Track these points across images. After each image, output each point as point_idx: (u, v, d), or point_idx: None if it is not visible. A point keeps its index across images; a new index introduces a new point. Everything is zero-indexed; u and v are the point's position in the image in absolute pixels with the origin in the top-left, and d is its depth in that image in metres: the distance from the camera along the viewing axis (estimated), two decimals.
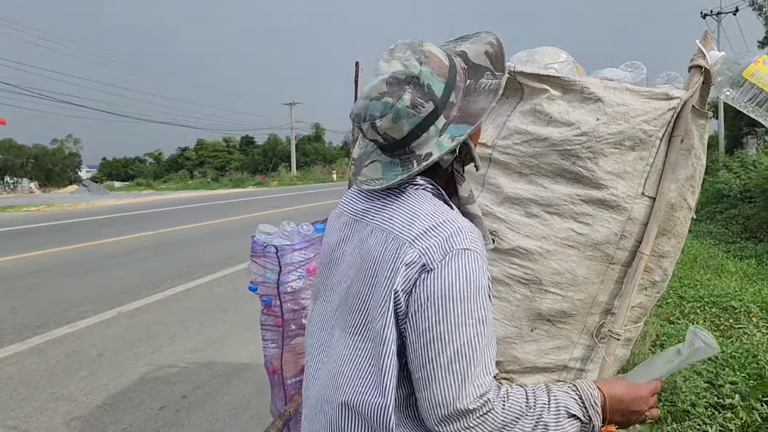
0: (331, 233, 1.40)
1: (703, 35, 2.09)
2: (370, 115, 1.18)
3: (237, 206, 21.57)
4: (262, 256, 2.42)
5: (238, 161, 69.44)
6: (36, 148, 59.08)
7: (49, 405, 4.08)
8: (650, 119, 2.02)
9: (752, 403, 3.73)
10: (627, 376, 1.45)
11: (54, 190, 42.25)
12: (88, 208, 22.93)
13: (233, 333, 5.61)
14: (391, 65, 1.18)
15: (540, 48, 2.33)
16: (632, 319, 2.26)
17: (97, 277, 8.34)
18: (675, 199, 2.12)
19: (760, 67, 1.88)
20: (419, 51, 1.20)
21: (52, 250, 11.02)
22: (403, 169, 1.21)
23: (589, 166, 2.07)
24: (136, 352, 5.12)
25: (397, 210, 1.21)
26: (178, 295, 7.23)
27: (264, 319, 2.55)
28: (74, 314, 6.28)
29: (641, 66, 2.22)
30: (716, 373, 4.24)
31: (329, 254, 1.37)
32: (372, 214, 1.26)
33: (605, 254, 2.11)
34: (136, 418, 3.86)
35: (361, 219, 1.29)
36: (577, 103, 2.08)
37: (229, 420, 3.84)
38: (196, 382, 4.45)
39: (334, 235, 1.37)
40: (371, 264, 1.18)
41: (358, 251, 1.24)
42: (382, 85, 1.17)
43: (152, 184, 47.96)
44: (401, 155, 1.22)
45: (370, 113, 1.18)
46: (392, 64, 1.18)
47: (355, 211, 1.32)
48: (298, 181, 47.93)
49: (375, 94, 1.18)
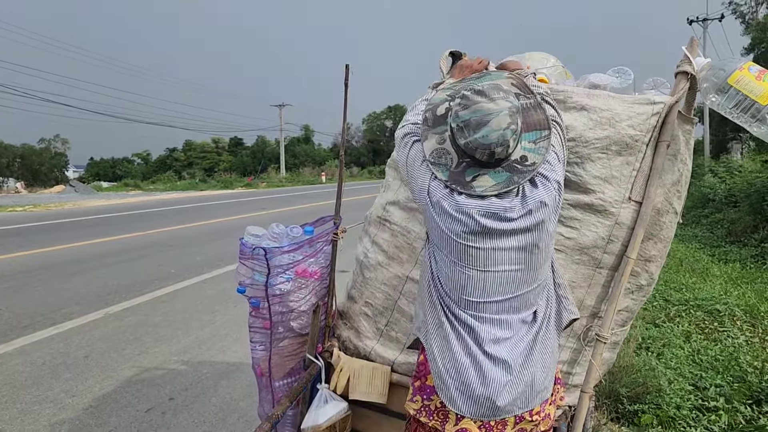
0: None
1: (690, 42, 2.12)
2: (505, 140, 1.59)
3: (225, 208, 21.47)
4: (251, 258, 2.42)
5: (226, 162, 69.10)
6: (23, 148, 58.46)
7: (34, 407, 4.04)
8: (635, 124, 2.05)
9: (736, 405, 3.77)
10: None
11: (41, 190, 41.76)
12: (75, 209, 22.71)
13: (221, 335, 5.59)
14: (498, 104, 1.59)
15: (529, 53, 2.35)
16: (619, 323, 2.28)
17: (83, 278, 8.27)
18: (661, 204, 2.15)
19: (745, 74, 1.91)
20: (508, 90, 1.65)
21: (38, 250, 10.91)
22: (513, 173, 1.65)
23: (577, 171, 2.10)
24: (123, 353, 5.09)
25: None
26: (165, 296, 7.18)
27: (252, 321, 2.55)
28: (60, 315, 6.23)
29: (628, 71, 2.24)
30: (701, 375, 4.29)
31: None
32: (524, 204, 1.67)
33: (592, 258, 2.13)
34: (122, 420, 3.83)
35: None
36: (562, 111, 2.10)
37: (216, 422, 3.82)
38: (183, 384, 4.42)
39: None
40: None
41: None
42: (506, 118, 1.58)
43: (140, 184, 47.53)
44: (503, 163, 1.65)
45: (505, 139, 1.59)
46: (499, 102, 1.59)
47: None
48: (287, 182, 47.74)
49: (504, 125, 1.58)
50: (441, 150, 1.71)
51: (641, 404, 3.80)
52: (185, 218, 17.14)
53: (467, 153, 1.65)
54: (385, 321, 2.44)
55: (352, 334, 2.56)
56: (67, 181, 51.83)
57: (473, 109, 1.60)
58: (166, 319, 6.15)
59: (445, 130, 1.71)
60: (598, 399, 3.83)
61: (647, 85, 2.28)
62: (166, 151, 75.79)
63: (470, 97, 1.61)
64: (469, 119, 1.60)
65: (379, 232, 2.51)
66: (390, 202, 2.49)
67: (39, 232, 14.03)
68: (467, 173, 1.66)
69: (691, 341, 5.12)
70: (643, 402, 3.82)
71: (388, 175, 2.60)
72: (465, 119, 1.61)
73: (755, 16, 27.06)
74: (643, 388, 3.91)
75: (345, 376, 2.39)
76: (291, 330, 2.53)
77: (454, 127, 1.64)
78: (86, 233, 13.49)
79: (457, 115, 1.63)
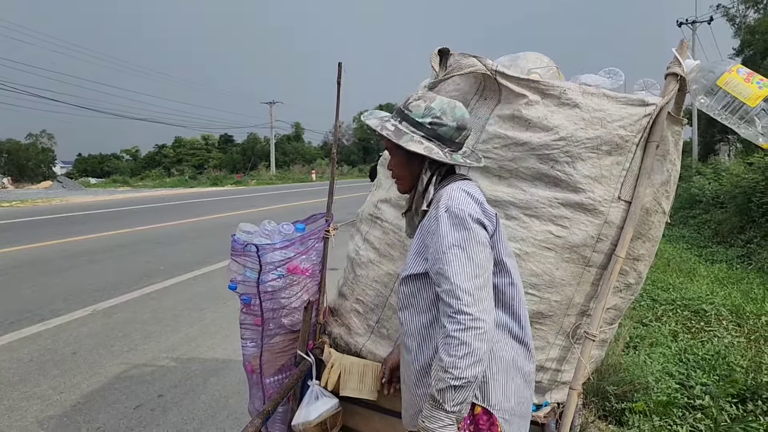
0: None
1: (679, 44, 2.14)
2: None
3: (215, 205, 21.39)
4: (243, 254, 2.42)
5: (216, 159, 68.78)
6: (9, 143, 57.93)
7: (21, 404, 4.01)
8: (626, 125, 2.07)
9: (722, 404, 3.81)
10: None
11: (28, 185, 41.41)
12: (63, 205, 22.53)
13: (210, 332, 5.57)
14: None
15: (522, 53, 2.36)
16: (607, 321, 2.31)
17: (71, 275, 8.21)
18: (650, 204, 2.17)
19: (734, 76, 1.93)
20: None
21: (25, 246, 10.81)
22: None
23: (567, 170, 2.11)
24: (111, 350, 5.06)
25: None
26: (154, 293, 7.15)
27: (243, 317, 2.55)
28: (48, 312, 6.18)
29: (619, 72, 2.26)
30: (687, 374, 4.33)
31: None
32: None
33: (582, 257, 2.15)
34: (110, 417, 3.82)
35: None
36: (555, 107, 2.12)
37: (205, 419, 3.81)
38: (172, 381, 4.41)
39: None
40: None
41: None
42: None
43: (129, 181, 47.25)
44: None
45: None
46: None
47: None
48: (277, 180, 47.61)
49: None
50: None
51: (629, 402, 3.83)
52: (174, 215, 17.06)
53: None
54: (376, 318, 2.45)
55: (343, 330, 2.57)
56: (54, 176, 51.38)
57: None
58: (155, 316, 6.12)
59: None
60: (586, 397, 3.86)
61: (638, 86, 2.30)
62: (155, 147, 75.35)
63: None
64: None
65: (370, 229, 2.52)
66: (382, 200, 2.50)
67: (26, 228, 13.91)
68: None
69: (678, 340, 5.17)
70: (631, 400, 3.86)
71: (380, 174, 2.61)
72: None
73: (745, 20, 27.31)
74: (630, 387, 3.94)
75: (336, 373, 2.39)
76: (282, 327, 2.53)
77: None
78: (74, 229, 13.39)
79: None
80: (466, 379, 1.47)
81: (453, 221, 1.59)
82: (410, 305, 1.69)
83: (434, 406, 1.52)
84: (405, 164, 1.77)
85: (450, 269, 1.53)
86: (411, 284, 1.69)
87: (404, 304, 1.71)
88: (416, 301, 1.68)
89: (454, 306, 1.51)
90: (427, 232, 1.66)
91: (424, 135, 1.70)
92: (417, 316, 1.68)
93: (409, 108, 1.73)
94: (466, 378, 1.47)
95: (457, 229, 1.58)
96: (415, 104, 1.72)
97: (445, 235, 1.58)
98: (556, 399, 2.25)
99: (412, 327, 1.69)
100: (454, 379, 1.47)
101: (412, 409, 1.73)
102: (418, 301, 1.68)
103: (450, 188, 1.69)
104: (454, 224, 1.58)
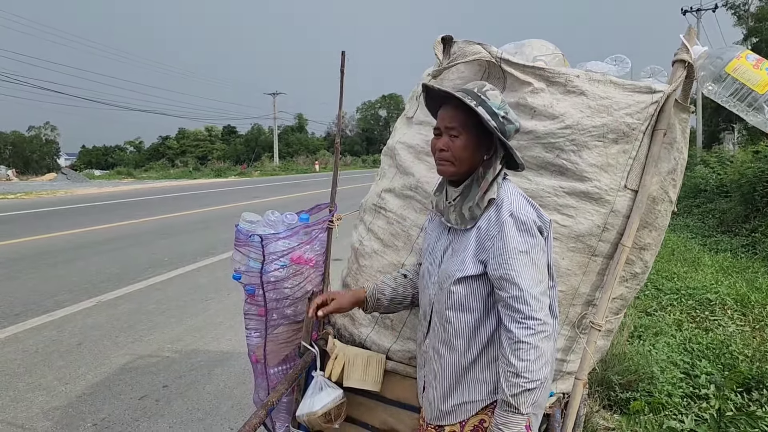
0: None
1: (687, 30, 2.11)
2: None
3: (219, 196, 21.41)
4: (246, 244, 2.40)
5: (220, 151, 68.84)
6: (13, 135, 58.06)
7: (27, 395, 4.03)
8: (633, 112, 2.04)
9: (726, 393, 3.81)
10: None
11: (32, 177, 41.48)
12: (67, 197, 22.58)
13: (215, 323, 5.58)
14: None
15: (528, 40, 2.33)
16: (613, 311, 2.29)
17: (76, 266, 8.23)
18: (657, 192, 2.15)
19: (743, 62, 1.90)
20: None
21: (30, 238, 10.85)
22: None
23: (573, 158, 2.09)
24: (116, 341, 5.08)
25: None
26: (159, 284, 7.17)
27: (247, 308, 2.54)
28: (53, 303, 6.20)
29: (626, 59, 2.23)
30: (692, 363, 4.32)
31: None
32: None
33: (588, 246, 2.13)
34: (115, 408, 3.83)
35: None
36: (561, 95, 2.09)
37: (210, 410, 3.82)
38: (176, 371, 4.42)
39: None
40: None
41: None
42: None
43: (133, 172, 47.31)
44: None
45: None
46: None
47: None
48: (280, 171, 47.63)
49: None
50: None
51: (633, 392, 3.83)
52: (178, 206, 17.08)
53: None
54: None
55: (347, 321, 2.56)
56: (58, 168, 51.52)
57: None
58: (160, 307, 6.14)
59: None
60: (591, 386, 3.86)
61: (645, 73, 2.27)
62: (159, 139, 75.49)
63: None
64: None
65: (374, 219, 2.50)
66: (385, 190, 2.48)
67: (31, 220, 13.95)
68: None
69: (682, 330, 5.16)
70: (635, 390, 3.85)
71: (384, 164, 2.59)
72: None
73: (748, 9, 27.08)
74: (635, 376, 3.94)
75: (340, 364, 2.39)
76: (286, 317, 2.53)
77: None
78: (79, 221, 13.42)
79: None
80: (539, 380, 1.54)
81: (519, 227, 1.61)
82: (463, 306, 1.69)
83: (509, 411, 1.56)
84: (474, 147, 1.68)
85: (518, 276, 1.57)
86: (467, 285, 1.68)
87: (456, 304, 1.70)
88: (469, 301, 1.69)
89: (524, 312, 1.55)
90: (486, 235, 1.65)
91: (495, 126, 1.63)
92: (468, 316, 1.69)
93: (486, 95, 1.65)
94: (539, 380, 1.54)
95: (522, 236, 1.61)
96: (493, 93, 1.66)
97: (510, 241, 1.60)
98: (561, 389, 2.24)
99: (460, 326, 1.70)
100: (530, 382, 1.53)
101: (444, 403, 1.75)
102: (471, 302, 1.68)
103: (508, 191, 1.69)
104: (521, 230, 1.61)
